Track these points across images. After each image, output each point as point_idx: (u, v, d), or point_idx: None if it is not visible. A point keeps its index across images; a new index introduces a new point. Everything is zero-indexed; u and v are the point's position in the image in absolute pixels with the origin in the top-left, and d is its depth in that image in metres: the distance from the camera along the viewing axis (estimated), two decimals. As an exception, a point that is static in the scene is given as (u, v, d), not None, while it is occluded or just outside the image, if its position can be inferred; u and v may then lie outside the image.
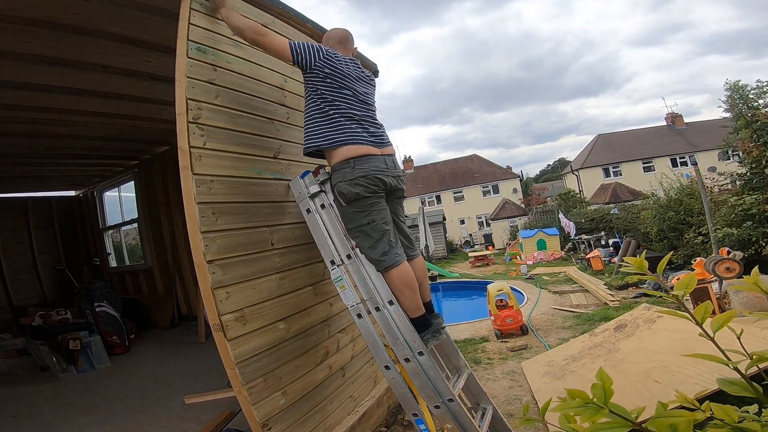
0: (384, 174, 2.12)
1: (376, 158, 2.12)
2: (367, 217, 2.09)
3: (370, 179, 2.08)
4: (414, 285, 2.12)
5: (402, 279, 2.08)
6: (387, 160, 2.18)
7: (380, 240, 2.08)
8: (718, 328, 0.68)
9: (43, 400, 3.84)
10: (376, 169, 2.10)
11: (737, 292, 3.89)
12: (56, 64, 3.14)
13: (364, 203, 2.09)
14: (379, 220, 2.10)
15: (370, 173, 2.08)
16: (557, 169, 54.20)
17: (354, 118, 2.14)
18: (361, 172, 2.07)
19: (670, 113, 28.04)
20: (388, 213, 2.18)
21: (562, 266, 11.83)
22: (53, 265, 6.88)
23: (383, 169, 2.13)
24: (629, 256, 0.80)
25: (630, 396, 2.59)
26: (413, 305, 2.10)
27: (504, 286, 5.73)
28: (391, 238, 2.11)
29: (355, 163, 2.08)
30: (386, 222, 2.13)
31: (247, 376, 1.98)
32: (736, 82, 6.51)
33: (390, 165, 2.18)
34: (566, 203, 20.21)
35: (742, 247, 5.60)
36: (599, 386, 0.64)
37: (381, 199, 2.15)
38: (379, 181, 2.10)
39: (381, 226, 2.10)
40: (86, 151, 5.66)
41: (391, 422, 3.10)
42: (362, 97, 2.22)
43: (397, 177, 2.22)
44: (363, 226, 2.09)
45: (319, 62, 2.12)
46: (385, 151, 2.20)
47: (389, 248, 2.09)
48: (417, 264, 2.31)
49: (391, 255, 2.08)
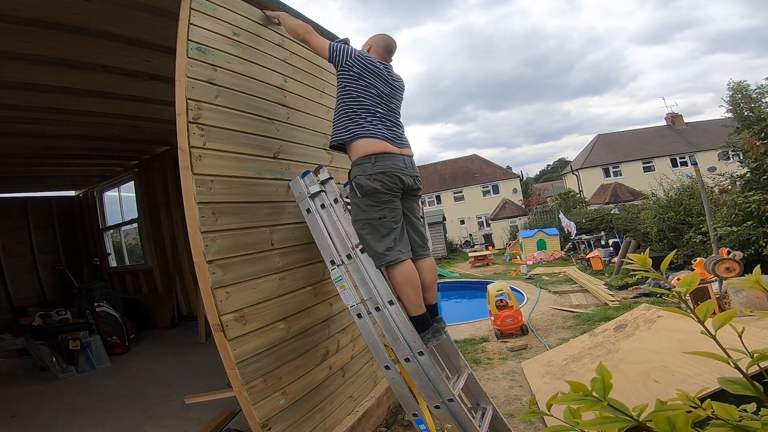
0: (402, 173, 2.19)
1: (395, 157, 2.19)
2: (380, 212, 2.13)
3: (389, 176, 2.14)
4: (416, 283, 2.13)
5: (404, 277, 2.10)
6: (406, 159, 2.25)
7: (387, 236, 2.12)
8: (719, 327, 0.68)
9: (43, 400, 3.83)
10: (395, 167, 2.16)
11: (737, 291, 3.89)
12: (56, 64, 3.14)
13: (379, 198, 2.13)
14: (389, 218, 2.14)
15: (389, 170, 2.14)
16: (557, 169, 54.22)
17: (376, 115, 2.22)
18: (381, 168, 2.13)
19: (670, 113, 28.05)
20: (400, 212, 2.23)
21: (562, 266, 11.83)
22: (53, 265, 6.87)
23: (402, 168, 2.19)
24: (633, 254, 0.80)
25: (630, 396, 2.59)
26: (414, 303, 2.11)
27: (504, 286, 5.73)
28: (397, 236, 2.14)
29: (376, 159, 2.14)
30: (396, 221, 2.17)
31: (247, 376, 1.98)
32: (739, 82, 6.51)
33: (408, 165, 2.25)
34: (566, 203, 20.21)
35: (742, 247, 5.60)
36: (599, 380, 0.67)
37: (396, 198, 2.20)
38: (397, 179, 2.16)
39: (390, 224, 2.14)
40: (86, 151, 5.66)
41: (391, 422, 3.10)
42: (387, 98, 2.31)
43: (414, 177, 2.29)
44: (373, 220, 2.13)
45: (349, 61, 2.25)
46: (405, 151, 2.28)
47: (394, 245, 2.12)
48: (426, 264, 2.33)
49: (395, 252, 2.11)
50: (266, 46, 2.58)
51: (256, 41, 2.51)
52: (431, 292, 2.31)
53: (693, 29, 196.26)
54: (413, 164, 2.32)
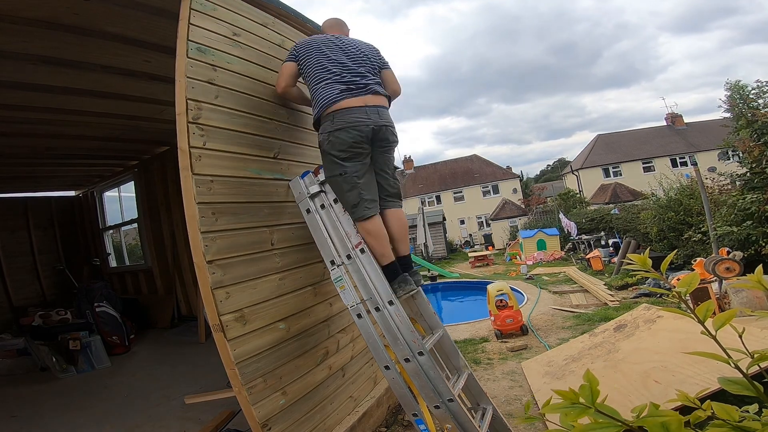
0: (364, 124, 2.16)
1: (355, 110, 2.17)
2: (341, 168, 2.17)
3: (347, 132, 2.14)
4: (381, 234, 2.19)
5: (368, 230, 2.16)
6: (369, 110, 2.20)
7: (350, 191, 2.16)
8: (719, 327, 0.68)
9: (43, 400, 3.83)
10: (354, 121, 2.15)
11: (737, 291, 3.89)
12: (56, 64, 3.14)
13: (339, 155, 2.16)
14: (351, 173, 2.16)
15: (346, 125, 2.14)
16: (557, 169, 54.24)
17: (331, 79, 2.24)
18: (339, 124, 2.15)
19: (670, 113, 28.10)
20: (364, 169, 2.22)
21: (562, 266, 11.83)
22: (53, 265, 6.87)
23: (363, 120, 2.17)
24: (633, 254, 0.80)
25: (630, 396, 2.59)
26: (379, 254, 2.18)
27: (504, 287, 5.73)
28: (362, 191, 2.16)
29: (334, 116, 2.17)
30: (359, 176, 2.18)
31: (247, 376, 1.98)
32: (737, 81, 6.52)
33: (373, 115, 2.20)
34: (566, 203, 20.21)
35: (742, 247, 5.59)
36: (586, 387, 0.67)
37: (356, 154, 2.18)
38: (356, 133, 2.15)
39: (352, 179, 2.16)
40: (86, 151, 5.65)
41: (391, 422, 3.10)
42: (341, 58, 2.30)
43: (382, 127, 2.23)
44: (336, 176, 2.18)
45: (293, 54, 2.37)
46: (370, 101, 2.22)
47: (359, 201, 2.16)
48: (393, 214, 2.34)
49: (360, 209, 2.16)
50: (266, 46, 2.59)
51: (256, 41, 2.51)
52: (403, 244, 2.36)
53: (733, 17, 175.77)
54: (380, 113, 2.24)
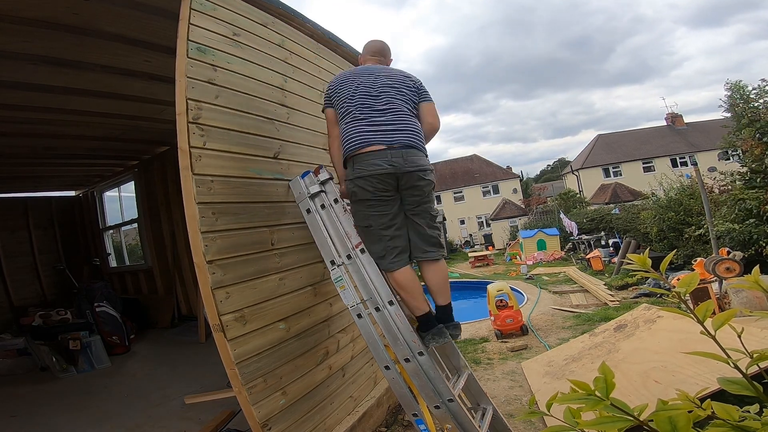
0: (386, 172, 2.01)
1: (377, 154, 2.01)
2: (366, 220, 2.09)
3: (368, 180, 2.02)
4: (412, 287, 2.09)
5: (398, 282, 2.09)
6: (393, 154, 2.02)
7: (377, 243, 2.09)
8: (719, 327, 0.68)
9: (43, 400, 3.83)
10: (375, 167, 2.01)
11: (737, 291, 3.89)
12: (56, 64, 3.14)
13: (363, 204, 2.09)
14: (375, 226, 2.07)
15: (366, 174, 2.02)
16: (557, 169, 54.22)
17: (358, 118, 2.12)
18: (359, 172, 2.05)
19: (670, 113, 28.05)
20: (390, 217, 2.08)
21: (562, 266, 11.83)
22: (53, 265, 6.87)
23: (383, 166, 2.00)
24: (632, 254, 0.80)
25: (630, 396, 2.59)
26: (411, 306, 2.12)
27: (504, 287, 5.73)
28: (388, 244, 2.07)
29: (354, 161, 2.08)
30: (385, 227, 2.07)
31: (247, 376, 1.98)
32: (737, 81, 6.51)
33: (396, 159, 2.02)
34: (566, 203, 20.21)
35: (743, 246, 5.60)
36: (601, 379, 0.67)
37: (381, 202, 2.06)
38: (377, 180, 2.02)
39: (378, 232, 2.08)
40: (86, 151, 5.65)
41: (391, 422, 3.10)
42: (364, 94, 2.16)
43: (406, 173, 2.04)
44: (363, 227, 2.12)
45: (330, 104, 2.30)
46: (396, 142, 2.05)
47: (385, 254, 2.08)
48: (431, 267, 2.18)
49: (386, 261, 2.08)
50: (266, 46, 2.58)
51: (256, 41, 2.50)
52: (441, 295, 2.21)
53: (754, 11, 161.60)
54: (406, 156, 2.03)
